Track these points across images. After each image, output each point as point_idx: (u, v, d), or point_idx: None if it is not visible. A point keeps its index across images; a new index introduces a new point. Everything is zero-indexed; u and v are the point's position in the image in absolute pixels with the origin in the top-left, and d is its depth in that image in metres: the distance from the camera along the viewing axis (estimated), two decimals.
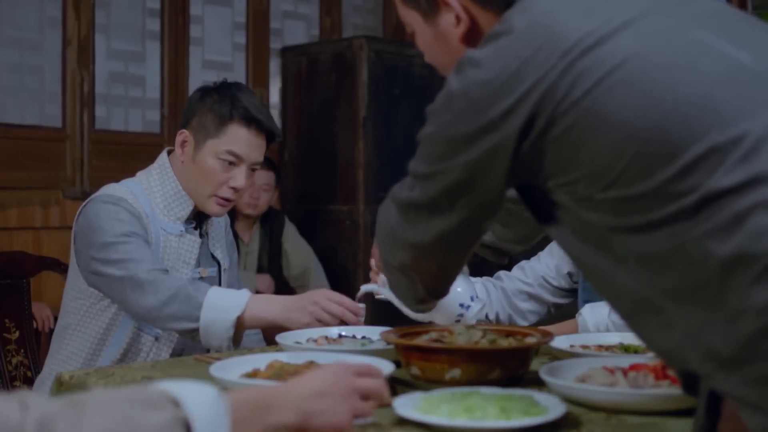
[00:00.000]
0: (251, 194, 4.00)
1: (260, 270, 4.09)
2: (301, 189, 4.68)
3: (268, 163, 4.12)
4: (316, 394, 1.06)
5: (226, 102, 2.10)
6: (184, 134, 2.13)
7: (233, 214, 3.97)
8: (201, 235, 2.20)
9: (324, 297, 1.95)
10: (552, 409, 1.24)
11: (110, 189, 2.11)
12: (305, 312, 1.93)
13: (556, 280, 2.29)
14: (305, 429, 1.04)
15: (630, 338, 1.85)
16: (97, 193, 2.10)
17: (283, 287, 4.22)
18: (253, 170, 2.16)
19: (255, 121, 2.11)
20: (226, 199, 2.13)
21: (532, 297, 2.29)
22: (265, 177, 4.04)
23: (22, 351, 2.44)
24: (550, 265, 2.31)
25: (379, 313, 4.08)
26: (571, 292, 2.31)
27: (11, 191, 3.75)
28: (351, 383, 1.10)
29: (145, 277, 1.95)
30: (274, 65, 4.75)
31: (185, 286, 1.95)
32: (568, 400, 1.32)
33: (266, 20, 4.72)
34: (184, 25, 4.38)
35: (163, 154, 2.18)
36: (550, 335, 1.62)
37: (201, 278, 2.18)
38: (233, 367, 1.51)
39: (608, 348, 1.78)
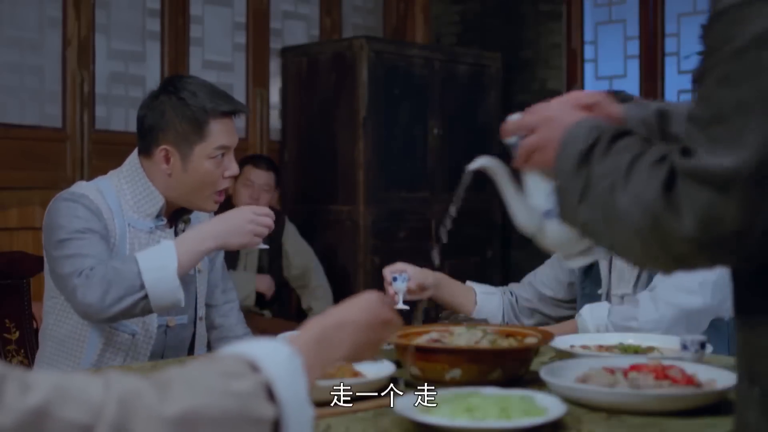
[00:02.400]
0: (251, 195, 4.00)
1: (260, 270, 4.09)
2: (301, 189, 4.68)
3: (268, 164, 4.12)
4: (364, 327, 1.13)
5: (192, 103, 2.10)
6: (165, 150, 2.12)
7: None
8: (176, 233, 2.19)
9: (253, 213, 2.04)
10: (552, 409, 1.24)
11: (76, 186, 2.14)
12: (245, 232, 2.02)
13: (556, 292, 2.29)
14: (353, 359, 1.13)
15: (630, 339, 1.85)
16: (62, 192, 2.12)
17: (284, 287, 4.23)
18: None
19: (227, 109, 2.14)
20: (223, 192, 2.17)
21: (534, 312, 2.30)
22: (265, 177, 4.04)
23: (23, 351, 2.44)
24: (549, 276, 2.30)
25: None
26: (575, 302, 2.30)
27: (11, 191, 3.75)
28: (385, 314, 1.17)
29: (78, 281, 1.94)
30: (274, 65, 4.75)
31: (112, 268, 1.94)
32: (568, 400, 1.32)
33: (266, 20, 4.72)
34: (184, 25, 4.38)
35: (134, 154, 2.19)
36: (550, 336, 1.62)
37: None
38: None
39: (608, 348, 1.78)
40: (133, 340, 2.10)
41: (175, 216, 2.21)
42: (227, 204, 3.78)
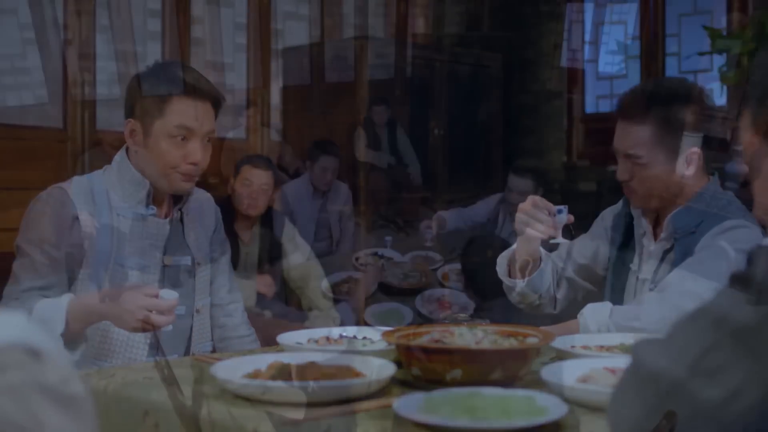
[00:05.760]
0: (249, 194, 3.99)
1: (260, 271, 4.09)
2: None
3: (266, 163, 4.11)
4: None
5: (162, 81, 2.11)
6: (130, 123, 2.13)
7: (233, 214, 3.97)
8: (171, 222, 2.18)
9: (148, 307, 1.85)
10: (553, 409, 1.24)
11: (66, 182, 2.19)
12: (130, 323, 1.87)
13: (593, 262, 2.29)
14: None
15: (631, 339, 1.85)
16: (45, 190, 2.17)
17: (284, 287, 4.22)
18: (209, 140, 2.13)
19: (195, 90, 2.10)
20: (188, 174, 2.12)
21: (563, 281, 2.31)
22: (263, 177, 4.03)
23: None
24: (588, 247, 2.29)
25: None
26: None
27: (12, 191, 3.75)
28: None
29: None
30: (276, 66, 4.75)
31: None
32: (569, 400, 1.32)
33: (267, 21, 4.72)
34: (185, 26, 4.38)
35: (123, 147, 2.20)
36: (551, 336, 1.62)
37: (165, 266, 2.16)
38: (234, 368, 1.51)
39: (609, 349, 1.78)
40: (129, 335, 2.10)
41: (174, 204, 2.20)
42: (227, 203, 3.78)
